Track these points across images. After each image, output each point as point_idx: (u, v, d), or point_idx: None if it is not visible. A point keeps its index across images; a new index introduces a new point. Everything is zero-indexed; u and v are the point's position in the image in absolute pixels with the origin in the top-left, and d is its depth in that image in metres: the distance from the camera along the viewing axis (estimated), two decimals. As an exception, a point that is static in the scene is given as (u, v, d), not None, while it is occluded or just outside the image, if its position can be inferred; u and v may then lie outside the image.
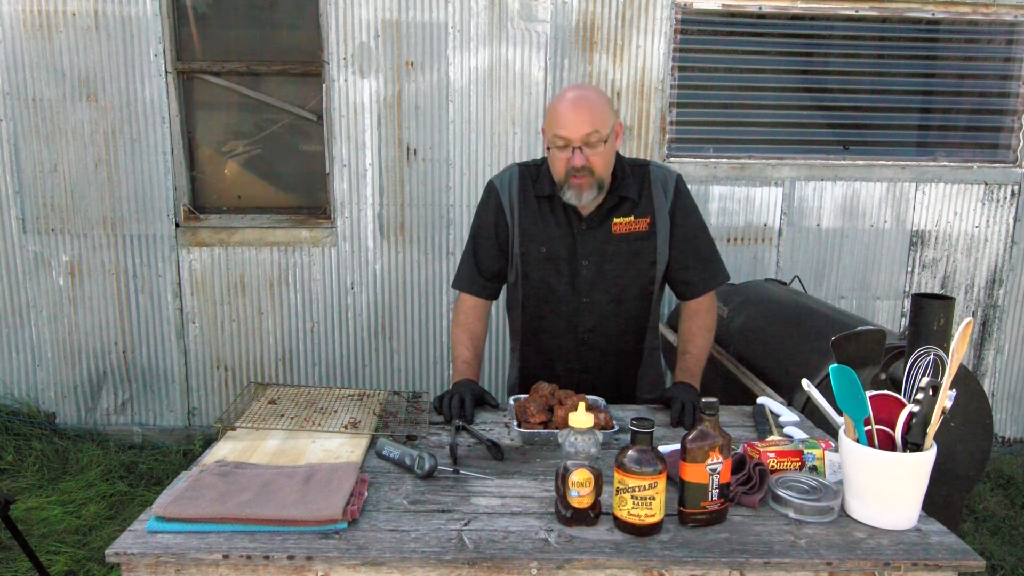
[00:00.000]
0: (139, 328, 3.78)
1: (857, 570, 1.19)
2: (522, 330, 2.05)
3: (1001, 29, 3.81)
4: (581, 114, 1.75)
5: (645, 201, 1.92)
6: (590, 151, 1.77)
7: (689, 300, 2.02)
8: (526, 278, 1.97)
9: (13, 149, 3.59)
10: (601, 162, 1.79)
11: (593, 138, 1.76)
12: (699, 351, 1.98)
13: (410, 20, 3.54)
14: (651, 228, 1.92)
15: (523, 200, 1.94)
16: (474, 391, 1.83)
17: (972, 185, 3.88)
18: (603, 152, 1.78)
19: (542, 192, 1.92)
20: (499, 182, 1.98)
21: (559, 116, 1.78)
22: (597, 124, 1.76)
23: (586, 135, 1.75)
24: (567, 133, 1.76)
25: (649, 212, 1.92)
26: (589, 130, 1.75)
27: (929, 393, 1.29)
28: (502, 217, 1.95)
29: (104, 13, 3.49)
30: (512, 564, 1.18)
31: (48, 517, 3.01)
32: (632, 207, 1.91)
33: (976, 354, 4.06)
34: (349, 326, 3.82)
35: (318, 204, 3.78)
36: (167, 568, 1.18)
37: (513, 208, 1.94)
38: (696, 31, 3.69)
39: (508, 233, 1.96)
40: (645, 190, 1.93)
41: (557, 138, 1.78)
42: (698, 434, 1.27)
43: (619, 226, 1.90)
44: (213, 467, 1.43)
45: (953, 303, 1.98)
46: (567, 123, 1.76)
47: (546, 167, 1.93)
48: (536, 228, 1.93)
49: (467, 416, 1.73)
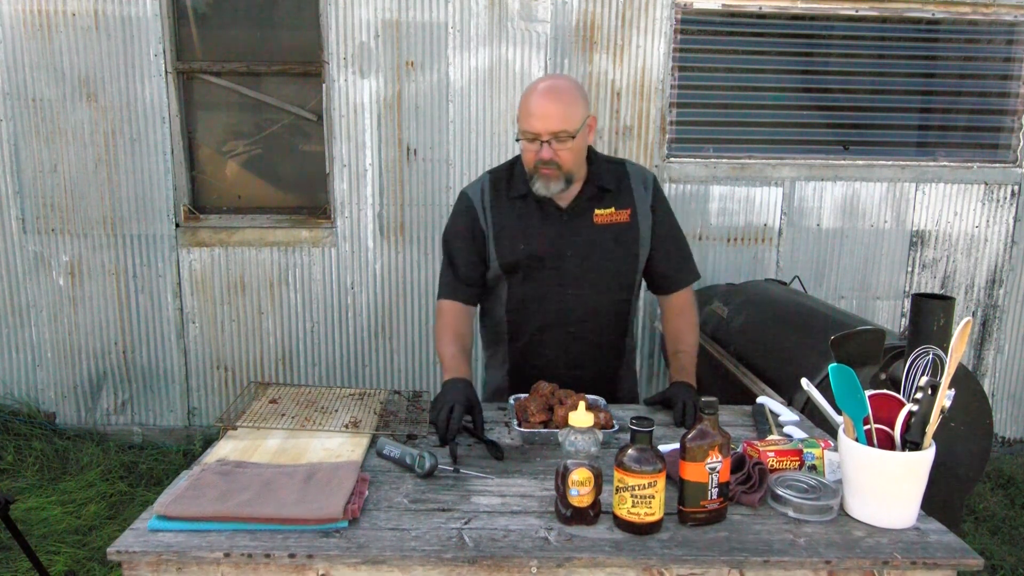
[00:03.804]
0: (139, 328, 3.79)
1: (856, 569, 1.20)
2: (508, 331, 2.03)
3: (1001, 29, 3.81)
4: (550, 109, 1.76)
5: (625, 193, 1.95)
6: (559, 145, 1.79)
7: (670, 295, 2.05)
8: (510, 278, 1.96)
9: (13, 149, 3.59)
10: (569, 157, 1.81)
11: (562, 135, 1.78)
12: (691, 348, 2.00)
13: (410, 20, 3.54)
14: (632, 219, 1.94)
15: (496, 204, 1.95)
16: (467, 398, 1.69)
17: (972, 185, 3.88)
18: (572, 147, 1.81)
19: (518, 192, 1.93)
20: (471, 191, 1.99)
21: (529, 109, 1.79)
22: (566, 122, 1.77)
23: (554, 132, 1.77)
24: (535, 129, 1.78)
25: (630, 204, 1.94)
26: (557, 128, 1.77)
27: (928, 392, 1.29)
28: (477, 224, 1.95)
29: (104, 13, 3.49)
30: (512, 563, 1.18)
31: (48, 517, 3.01)
32: (613, 198, 1.93)
33: (976, 354, 4.06)
34: (349, 326, 3.82)
35: (318, 204, 3.78)
36: (168, 566, 1.18)
37: (487, 214, 1.95)
38: (696, 31, 3.69)
39: (484, 239, 1.95)
40: (624, 183, 1.96)
41: (527, 132, 1.80)
42: (697, 433, 1.27)
43: (601, 217, 1.92)
44: (214, 466, 1.43)
45: (953, 303, 1.98)
46: (536, 118, 1.77)
47: (519, 168, 1.95)
48: (514, 228, 1.93)
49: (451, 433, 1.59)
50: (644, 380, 3.95)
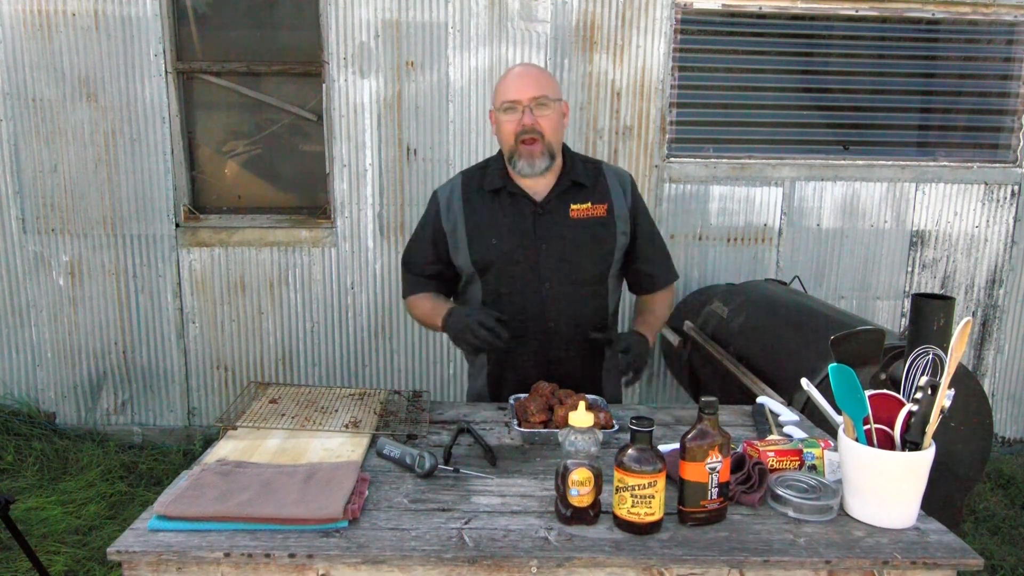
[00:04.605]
0: (139, 328, 3.79)
1: (856, 568, 1.20)
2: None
3: (1001, 29, 3.81)
4: (528, 79, 1.84)
5: (601, 189, 1.96)
6: (539, 112, 1.83)
7: (653, 293, 2.07)
8: (483, 274, 1.96)
9: (13, 149, 3.59)
10: (549, 125, 1.85)
11: (542, 99, 1.82)
12: (659, 315, 2.06)
13: (410, 20, 3.54)
14: (609, 215, 1.95)
15: (468, 203, 1.96)
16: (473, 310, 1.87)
17: (972, 185, 3.88)
18: (551, 116, 1.85)
19: (492, 186, 1.94)
20: (441, 191, 2.02)
21: (507, 83, 1.86)
22: (545, 88, 1.84)
23: (534, 97, 1.82)
24: (516, 96, 1.83)
25: (606, 200, 1.95)
26: (537, 92, 1.82)
27: (928, 392, 1.29)
28: (439, 224, 1.98)
29: (104, 13, 3.49)
30: (512, 562, 1.18)
31: (48, 517, 3.01)
32: (588, 194, 1.94)
33: (976, 354, 4.06)
34: (349, 326, 3.82)
35: (318, 204, 3.78)
36: (168, 566, 1.18)
37: (456, 214, 1.95)
38: (696, 31, 3.69)
39: (445, 238, 1.98)
40: (600, 180, 1.97)
41: (506, 103, 1.84)
42: (697, 433, 1.27)
43: (577, 211, 1.93)
44: (214, 466, 1.43)
45: (953, 303, 1.98)
46: (516, 87, 1.84)
47: (493, 165, 1.96)
48: (487, 223, 1.93)
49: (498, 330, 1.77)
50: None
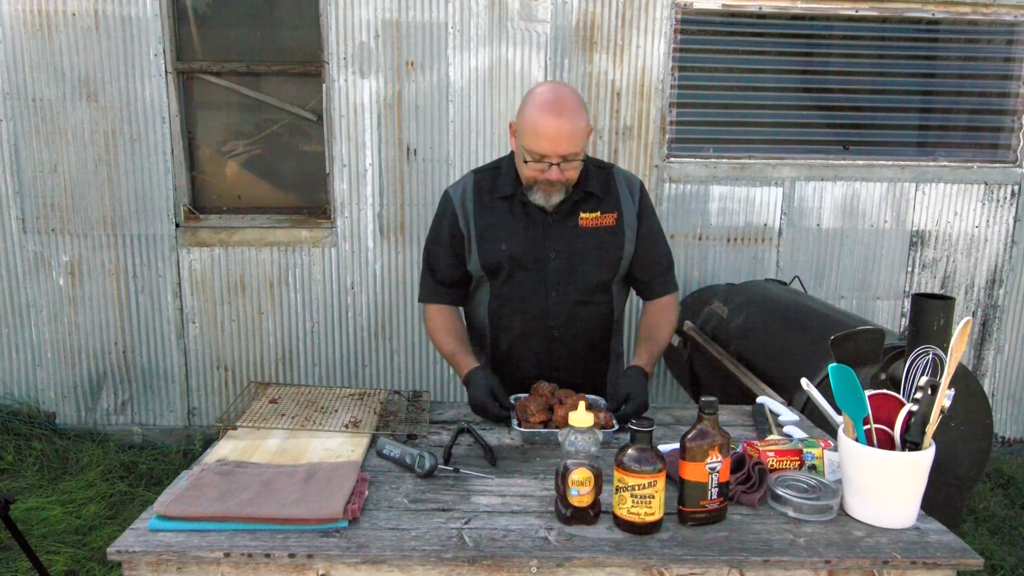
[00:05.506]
0: (139, 328, 3.79)
1: (856, 568, 1.20)
2: (491, 334, 2.02)
3: (1001, 29, 3.81)
4: (561, 130, 1.71)
5: (611, 197, 1.94)
6: (567, 165, 1.77)
7: (657, 299, 2.05)
8: (492, 279, 1.96)
9: (13, 149, 3.59)
10: (575, 174, 1.82)
11: (571, 156, 1.75)
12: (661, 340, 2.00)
13: (410, 20, 3.54)
14: (618, 223, 1.94)
15: (479, 205, 1.94)
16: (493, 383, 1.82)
17: (972, 185, 3.88)
18: (578, 165, 1.80)
19: (503, 193, 1.92)
20: (454, 191, 1.99)
21: (536, 129, 1.72)
22: (575, 144, 1.73)
23: (564, 155, 1.74)
24: (545, 150, 1.73)
25: (616, 208, 1.94)
26: (567, 151, 1.73)
27: (928, 392, 1.29)
28: (456, 226, 1.95)
29: (104, 13, 3.49)
30: (512, 562, 1.18)
31: (48, 517, 3.01)
32: (599, 203, 1.92)
33: (976, 354, 4.06)
34: (349, 326, 3.82)
35: (318, 204, 3.78)
36: (168, 566, 1.18)
37: (468, 215, 1.94)
38: (696, 31, 3.69)
39: (463, 241, 1.95)
40: (612, 187, 1.95)
41: (534, 152, 1.74)
42: (697, 433, 1.27)
43: (586, 220, 1.91)
44: (214, 466, 1.43)
45: (953, 303, 1.98)
46: (546, 140, 1.71)
47: (505, 168, 1.94)
48: (497, 228, 1.92)
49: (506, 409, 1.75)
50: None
